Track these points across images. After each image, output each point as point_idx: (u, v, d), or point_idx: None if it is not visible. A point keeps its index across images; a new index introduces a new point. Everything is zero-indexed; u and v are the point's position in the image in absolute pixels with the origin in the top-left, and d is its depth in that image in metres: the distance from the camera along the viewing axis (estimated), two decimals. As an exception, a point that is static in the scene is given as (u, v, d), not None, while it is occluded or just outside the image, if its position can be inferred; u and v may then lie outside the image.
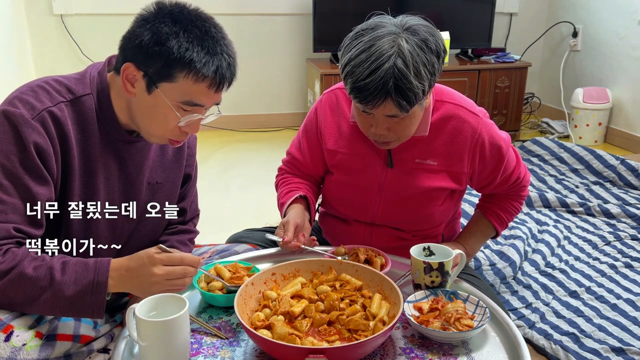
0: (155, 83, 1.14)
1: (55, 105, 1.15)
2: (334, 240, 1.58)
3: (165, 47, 1.10)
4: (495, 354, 1.10)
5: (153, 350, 1.03)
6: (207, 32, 1.13)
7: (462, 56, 4.05)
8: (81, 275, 1.09)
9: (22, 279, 1.07)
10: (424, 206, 1.46)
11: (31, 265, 1.08)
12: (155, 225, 1.40)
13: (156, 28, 1.11)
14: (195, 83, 1.13)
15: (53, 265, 1.09)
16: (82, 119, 1.19)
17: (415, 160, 1.43)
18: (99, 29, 3.75)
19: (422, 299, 1.22)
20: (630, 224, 2.56)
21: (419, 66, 1.22)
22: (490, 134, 1.42)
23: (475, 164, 1.43)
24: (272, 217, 2.63)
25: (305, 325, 1.11)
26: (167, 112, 1.16)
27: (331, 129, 1.50)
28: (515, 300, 1.98)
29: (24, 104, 1.12)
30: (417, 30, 1.25)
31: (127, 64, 1.14)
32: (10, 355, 1.07)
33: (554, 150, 3.25)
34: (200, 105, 1.17)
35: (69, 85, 1.20)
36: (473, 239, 1.60)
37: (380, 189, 1.46)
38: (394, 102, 1.23)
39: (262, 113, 4.28)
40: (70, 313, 1.12)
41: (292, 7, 4.04)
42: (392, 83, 1.20)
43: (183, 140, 1.24)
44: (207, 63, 1.12)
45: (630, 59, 3.72)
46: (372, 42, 1.23)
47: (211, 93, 1.16)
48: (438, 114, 1.41)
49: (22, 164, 1.11)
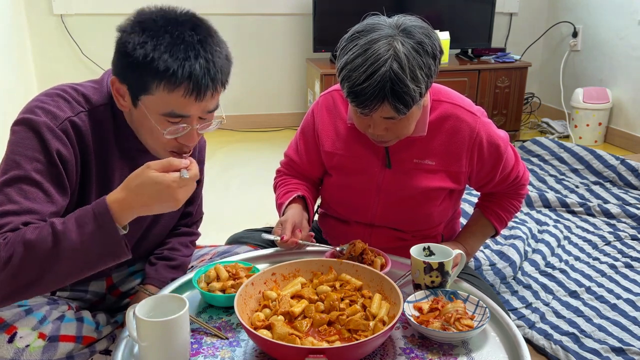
0: (137, 96, 1.11)
1: (76, 115, 1.14)
2: (334, 241, 1.58)
3: (133, 59, 1.07)
4: (495, 354, 1.10)
5: (153, 350, 1.03)
6: (179, 37, 1.07)
7: (462, 56, 4.05)
8: (81, 217, 1.02)
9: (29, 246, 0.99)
10: (423, 206, 1.46)
11: (33, 232, 1.01)
12: (163, 229, 1.40)
13: (128, 38, 1.08)
14: (170, 93, 1.07)
15: (53, 221, 1.02)
16: (99, 129, 1.18)
17: (413, 160, 1.43)
18: (99, 29, 3.75)
19: (422, 299, 1.22)
20: (630, 224, 2.56)
21: (415, 69, 1.22)
22: (488, 132, 1.42)
23: (473, 163, 1.43)
24: (272, 217, 2.62)
25: (305, 326, 1.11)
26: (153, 125, 1.13)
27: (328, 131, 1.50)
28: (515, 300, 1.98)
29: (46, 112, 1.11)
30: (412, 32, 1.25)
31: (112, 77, 1.13)
32: (14, 357, 1.07)
33: (554, 150, 3.25)
34: (185, 115, 1.11)
35: (87, 95, 1.18)
36: (473, 239, 1.60)
37: (379, 190, 1.46)
38: (391, 105, 1.23)
39: (262, 113, 4.28)
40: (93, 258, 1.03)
41: (292, 7, 4.04)
42: (389, 87, 1.20)
43: (184, 151, 1.18)
44: (176, 70, 1.05)
45: (630, 59, 3.72)
46: (368, 45, 1.23)
47: (191, 101, 1.09)
48: (436, 114, 1.41)
49: (45, 170, 1.09)
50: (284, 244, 1.39)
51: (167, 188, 1.01)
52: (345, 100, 1.48)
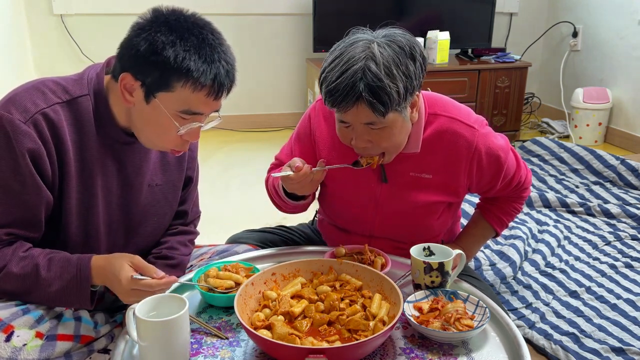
0: (153, 93, 1.13)
1: (49, 107, 1.14)
2: (333, 244, 1.57)
3: (161, 57, 1.09)
4: (495, 354, 1.10)
5: (153, 350, 1.03)
6: (205, 39, 1.11)
7: (462, 56, 4.05)
8: (65, 270, 1.14)
9: (10, 278, 1.12)
10: (422, 219, 1.44)
11: (19, 264, 1.13)
12: (155, 228, 1.39)
13: (152, 37, 1.09)
14: (194, 92, 1.12)
15: (39, 262, 1.14)
16: (78, 119, 1.19)
17: (409, 173, 1.39)
18: (99, 29, 3.75)
19: (422, 299, 1.22)
20: (630, 224, 2.56)
21: (391, 65, 1.19)
22: (487, 145, 1.38)
23: (472, 175, 1.41)
24: (272, 218, 2.63)
25: (305, 326, 1.11)
26: (166, 122, 1.15)
27: (325, 139, 1.46)
28: (515, 300, 1.98)
29: (16, 107, 1.12)
30: (392, 36, 1.23)
31: (124, 74, 1.13)
32: (11, 356, 1.07)
33: (554, 150, 3.25)
34: (200, 113, 1.16)
35: (66, 86, 1.19)
36: (473, 241, 1.59)
37: (376, 204, 1.44)
38: (367, 102, 1.19)
39: (262, 113, 4.28)
40: (59, 304, 1.18)
41: (292, 7, 4.04)
42: (363, 83, 1.17)
43: (184, 149, 1.23)
44: (204, 72, 1.10)
45: (630, 59, 3.72)
46: (344, 49, 1.22)
47: (210, 101, 1.14)
48: (431, 129, 1.37)
49: (16, 173, 1.12)
50: (299, 172, 1.28)
51: (119, 282, 1.12)
52: None
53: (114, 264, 1.13)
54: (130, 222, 1.33)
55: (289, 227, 1.75)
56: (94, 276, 1.15)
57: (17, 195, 1.13)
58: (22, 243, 1.16)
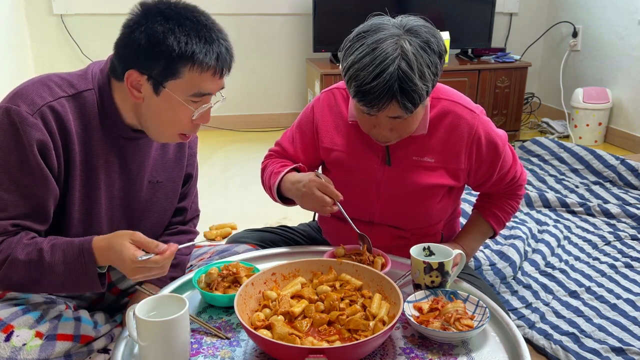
0: (162, 83, 1.14)
1: (55, 100, 1.15)
2: (334, 240, 1.58)
3: (164, 46, 1.10)
4: (495, 354, 1.10)
5: (153, 350, 1.03)
6: (199, 21, 1.14)
7: (462, 56, 4.05)
8: (68, 254, 1.13)
9: (17, 265, 1.12)
10: (422, 203, 1.46)
11: (24, 251, 1.12)
12: (156, 224, 1.40)
13: (150, 29, 1.10)
14: (201, 74, 1.14)
15: (42, 247, 1.13)
16: (83, 113, 1.19)
17: (412, 157, 1.43)
18: (99, 29, 3.75)
19: (422, 299, 1.22)
20: (630, 224, 2.56)
21: (423, 68, 1.23)
22: (487, 130, 1.43)
23: (472, 160, 1.44)
24: (272, 218, 2.63)
25: (305, 325, 1.11)
26: (179, 108, 1.17)
27: (328, 127, 1.50)
28: (515, 300, 1.98)
29: (24, 100, 1.13)
30: (418, 32, 1.25)
31: (129, 71, 1.14)
32: (11, 355, 1.07)
33: (554, 150, 3.25)
34: (209, 93, 1.19)
35: (71, 81, 1.20)
36: (471, 240, 1.60)
37: (378, 187, 1.46)
38: (399, 104, 1.23)
39: (262, 113, 4.28)
40: (70, 289, 1.18)
41: (292, 7, 4.04)
42: (397, 86, 1.21)
43: (194, 133, 1.26)
44: (208, 52, 1.13)
45: (630, 59, 3.72)
46: (375, 44, 1.23)
47: (216, 79, 1.18)
48: (435, 111, 1.42)
49: (24, 164, 1.12)
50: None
51: (123, 262, 1.11)
52: (345, 98, 1.48)
53: (115, 244, 1.12)
54: (132, 218, 1.33)
55: (289, 226, 1.76)
56: (97, 257, 1.14)
57: (25, 187, 1.13)
58: (26, 232, 1.16)
